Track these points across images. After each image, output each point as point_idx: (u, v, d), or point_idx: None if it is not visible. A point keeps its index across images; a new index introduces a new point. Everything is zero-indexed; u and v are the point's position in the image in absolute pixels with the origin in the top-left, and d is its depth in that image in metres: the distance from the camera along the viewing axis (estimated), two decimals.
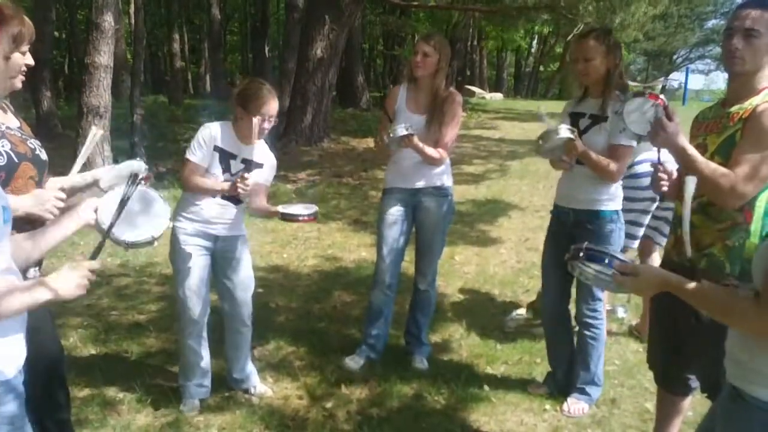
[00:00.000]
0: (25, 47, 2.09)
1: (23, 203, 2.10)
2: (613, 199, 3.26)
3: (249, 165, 3.24)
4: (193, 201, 3.22)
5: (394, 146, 3.57)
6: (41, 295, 1.61)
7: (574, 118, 3.30)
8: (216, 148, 3.17)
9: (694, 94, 34.91)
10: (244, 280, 3.39)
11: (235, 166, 3.21)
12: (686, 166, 2.34)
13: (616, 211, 3.27)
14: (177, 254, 3.25)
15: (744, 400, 1.55)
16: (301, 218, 3.20)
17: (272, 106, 3.14)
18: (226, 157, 3.19)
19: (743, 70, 2.28)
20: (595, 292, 3.34)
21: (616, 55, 3.19)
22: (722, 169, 2.24)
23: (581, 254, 1.94)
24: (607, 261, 1.88)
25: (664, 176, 2.51)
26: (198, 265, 3.24)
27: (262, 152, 3.32)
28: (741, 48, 2.23)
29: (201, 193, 3.21)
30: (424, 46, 3.61)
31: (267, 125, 3.15)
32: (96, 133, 2.68)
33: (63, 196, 2.22)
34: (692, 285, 1.67)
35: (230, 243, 3.31)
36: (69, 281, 1.67)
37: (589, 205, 3.26)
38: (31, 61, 2.14)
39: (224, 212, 3.25)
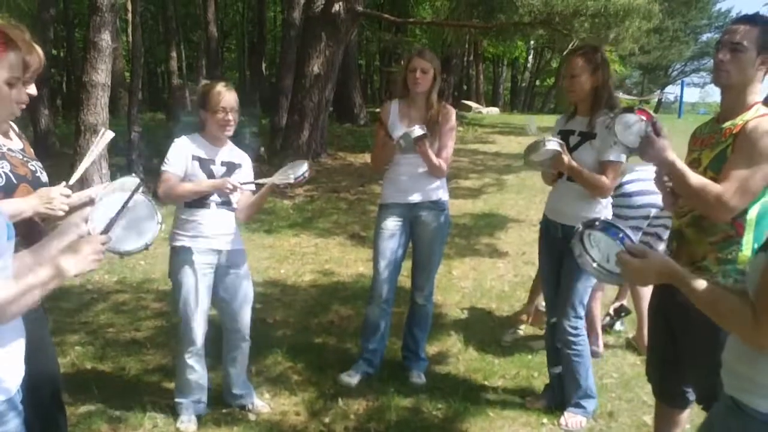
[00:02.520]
0: (29, 76, 2.10)
1: (29, 204, 2.10)
2: (601, 217, 3.27)
3: (230, 167, 3.28)
4: (189, 217, 3.22)
5: (403, 147, 3.58)
6: (57, 276, 1.60)
7: (564, 136, 3.34)
8: (194, 157, 3.20)
9: (690, 106, 35.09)
10: (245, 295, 3.39)
11: (217, 170, 3.25)
12: (675, 180, 2.37)
13: None
14: (179, 274, 3.22)
15: (742, 412, 1.55)
16: (297, 180, 3.21)
17: (228, 98, 3.17)
18: (206, 164, 3.22)
19: (728, 82, 2.32)
20: (578, 309, 3.34)
21: (604, 72, 3.22)
22: (711, 184, 2.27)
23: (596, 224, 1.90)
24: (621, 236, 1.81)
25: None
26: (202, 284, 3.23)
27: (237, 153, 3.38)
28: (726, 61, 2.28)
29: (183, 197, 3.20)
30: (421, 62, 3.66)
31: (230, 118, 3.19)
32: (105, 134, 2.64)
33: (68, 192, 2.20)
34: (697, 282, 1.63)
35: (232, 258, 3.32)
36: (83, 254, 1.65)
37: (576, 222, 3.26)
38: (33, 91, 2.15)
39: (222, 221, 3.26)
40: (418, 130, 3.52)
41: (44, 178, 2.31)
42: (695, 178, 2.29)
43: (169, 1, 23.03)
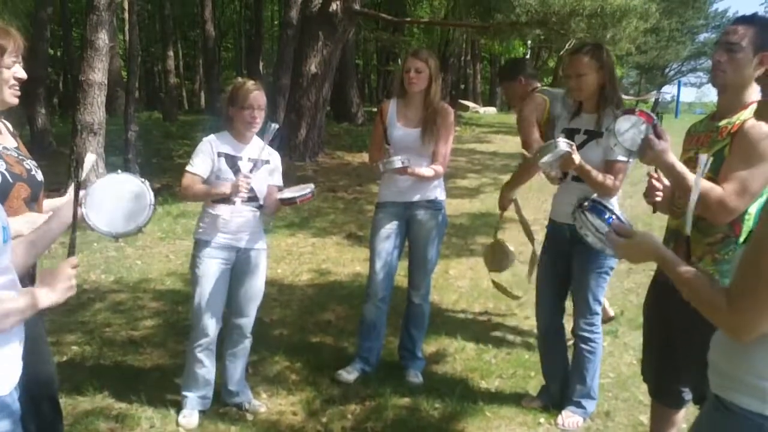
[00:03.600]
0: (11, 59, 2.08)
1: (15, 225, 2.10)
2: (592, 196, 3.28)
3: (256, 163, 3.32)
4: (213, 212, 3.27)
5: (389, 173, 3.66)
6: (32, 306, 1.64)
7: (569, 134, 3.31)
8: (220, 154, 3.25)
9: (687, 106, 35.20)
10: (255, 293, 3.42)
11: (244, 166, 3.28)
12: (676, 182, 2.38)
13: None
14: (198, 266, 3.28)
15: (728, 410, 1.56)
16: (298, 199, 3.25)
17: (257, 95, 3.23)
18: (232, 161, 3.27)
19: (724, 82, 2.33)
20: (593, 306, 3.34)
21: (610, 70, 3.21)
22: (712, 186, 2.26)
23: (586, 203, 2.00)
24: (607, 216, 1.92)
25: (659, 185, 2.52)
26: (218, 279, 3.28)
27: (265, 149, 3.40)
28: (723, 61, 2.29)
29: (199, 198, 3.30)
30: (416, 62, 3.66)
31: (257, 114, 3.24)
32: (90, 159, 2.66)
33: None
34: (683, 267, 1.65)
35: (251, 256, 3.36)
36: (55, 286, 1.70)
37: None
38: (22, 74, 2.13)
39: (245, 219, 3.30)
40: (396, 163, 3.54)
41: (39, 176, 2.30)
42: (692, 179, 2.29)
43: None
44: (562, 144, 3.08)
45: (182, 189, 3.28)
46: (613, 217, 1.92)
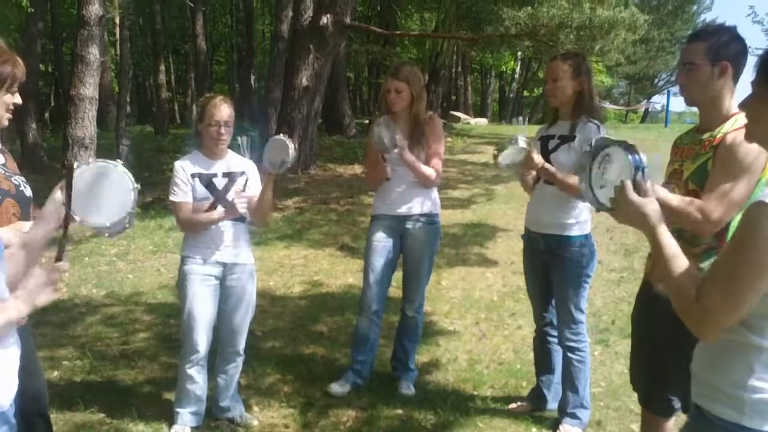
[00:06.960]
0: (15, 87, 2.12)
1: (5, 235, 2.10)
2: (580, 223, 3.31)
3: (232, 176, 3.32)
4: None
5: (384, 145, 3.58)
6: (17, 311, 1.63)
7: (544, 141, 3.38)
8: (193, 176, 3.25)
9: (677, 116, 35.24)
10: (245, 309, 3.41)
11: (219, 182, 3.28)
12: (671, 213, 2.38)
13: (586, 236, 3.32)
14: (185, 282, 3.27)
15: (707, 419, 1.58)
16: (289, 163, 3.22)
17: (223, 111, 3.23)
18: (206, 178, 3.26)
19: (692, 101, 2.39)
20: (576, 315, 3.37)
21: (586, 77, 3.26)
22: (694, 201, 2.29)
23: (621, 143, 1.75)
24: (641, 168, 1.66)
25: None
26: (205, 295, 3.27)
27: (239, 161, 3.40)
28: (684, 82, 2.35)
29: (203, 227, 3.26)
30: (395, 82, 3.66)
31: (223, 131, 3.24)
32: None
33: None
34: (672, 251, 1.59)
35: (237, 272, 3.35)
36: (39, 289, 1.67)
37: (557, 230, 3.30)
38: (19, 100, 2.16)
39: (231, 234, 3.29)
40: (384, 133, 3.53)
41: (28, 192, 2.31)
42: (678, 202, 2.30)
43: (157, 14, 23.07)
44: (520, 140, 3.12)
45: (182, 223, 3.29)
46: (645, 168, 1.64)
